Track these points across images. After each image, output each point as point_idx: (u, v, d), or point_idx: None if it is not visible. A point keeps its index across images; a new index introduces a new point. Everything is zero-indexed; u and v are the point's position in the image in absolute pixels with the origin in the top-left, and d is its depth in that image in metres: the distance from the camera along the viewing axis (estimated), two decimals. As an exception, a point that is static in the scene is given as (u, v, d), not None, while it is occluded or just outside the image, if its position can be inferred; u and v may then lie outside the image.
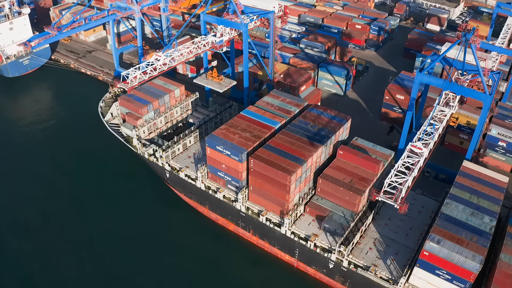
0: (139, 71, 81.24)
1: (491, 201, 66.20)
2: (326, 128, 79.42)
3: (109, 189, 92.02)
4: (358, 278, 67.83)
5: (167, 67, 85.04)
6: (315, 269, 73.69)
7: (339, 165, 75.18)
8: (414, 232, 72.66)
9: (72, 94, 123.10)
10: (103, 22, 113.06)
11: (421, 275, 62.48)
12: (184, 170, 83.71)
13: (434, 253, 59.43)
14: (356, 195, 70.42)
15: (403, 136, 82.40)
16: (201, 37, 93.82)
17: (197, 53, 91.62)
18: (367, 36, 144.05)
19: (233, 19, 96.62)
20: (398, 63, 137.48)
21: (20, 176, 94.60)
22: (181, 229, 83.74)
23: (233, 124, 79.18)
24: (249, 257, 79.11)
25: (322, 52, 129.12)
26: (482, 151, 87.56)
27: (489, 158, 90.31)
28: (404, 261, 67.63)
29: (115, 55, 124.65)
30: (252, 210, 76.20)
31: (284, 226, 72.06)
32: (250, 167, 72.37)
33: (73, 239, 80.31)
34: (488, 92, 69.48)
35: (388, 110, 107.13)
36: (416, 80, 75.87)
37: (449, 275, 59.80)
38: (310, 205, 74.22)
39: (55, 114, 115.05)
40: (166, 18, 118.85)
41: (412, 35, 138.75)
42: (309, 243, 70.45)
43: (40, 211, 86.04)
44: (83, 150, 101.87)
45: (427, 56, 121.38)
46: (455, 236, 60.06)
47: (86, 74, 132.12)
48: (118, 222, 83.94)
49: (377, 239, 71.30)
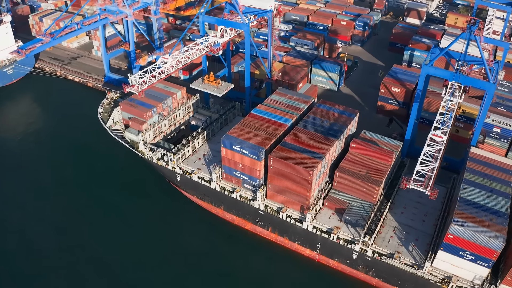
0: (147, 74, 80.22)
1: (502, 184, 69.58)
2: (337, 123, 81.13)
3: (118, 196, 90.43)
4: (382, 266, 69.82)
5: (174, 69, 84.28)
6: (338, 261, 75.21)
7: (353, 158, 77.00)
8: (429, 218, 75.44)
9: (63, 102, 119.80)
10: (95, 27, 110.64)
11: (445, 258, 64.97)
12: (196, 173, 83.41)
13: (458, 235, 61.95)
14: (374, 186, 72.40)
15: (409, 126, 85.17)
16: (203, 38, 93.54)
17: (201, 54, 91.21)
18: (353, 32, 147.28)
19: (232, 19, 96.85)
20: (384, 57, 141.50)
21: (25, 191, 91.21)
22: (197, 231, 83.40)
23: (246, 124, 79.62)
24: (268, 254, 79.71)
25: (312, 49, 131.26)
26: (481, 138, 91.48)
27: (485, 144, 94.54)
28: (424, 246, 70.21)
29: (105, 60, 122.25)
30: (271, 208, 76.90)
31: (306, 221, 73.15)
32: (270, 165, 73.05)
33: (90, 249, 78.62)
34: (492, 81, 72.85)
35: (384, 103, 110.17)
36: (422, 72, 78.52)
37: (473, 255, 62.53)
38: (328, 198, 75.67)
39: (50, 124, 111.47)
40: (157, 20, 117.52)
41: (397, 29, 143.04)
42: (332, 236, 71.88)
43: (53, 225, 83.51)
44: (86, 159, 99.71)
45: (415, 49, 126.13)
46: (476, 218, 62.81)
47: (74, 81, 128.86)
48: (131, 229, 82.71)
49: (396, 227, 73.57)
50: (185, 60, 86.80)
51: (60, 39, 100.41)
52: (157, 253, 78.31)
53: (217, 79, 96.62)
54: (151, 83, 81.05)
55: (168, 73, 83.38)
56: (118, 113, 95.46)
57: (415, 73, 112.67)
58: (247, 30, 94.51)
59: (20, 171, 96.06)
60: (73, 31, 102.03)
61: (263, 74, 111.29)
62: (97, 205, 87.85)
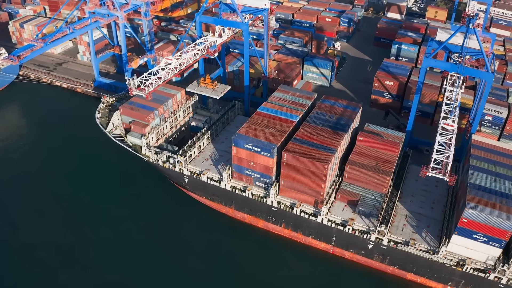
0: (153, 76, 79.42)
1: (506, 168, 72.83)
2: (343, 117, 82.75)
3: (125, 201, 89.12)
4: (397, 254, 71.85)
5: (178, 71, 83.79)
6: (353, 252, 76.82)
7: (361, 151, 78.68)
8: (437, 205, 78.08)
9: (55, 110, 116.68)
10: (87, 30, 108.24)
11: (459, 242, 67.51)
12: (205, 173, 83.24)
13: (472, 219, 64.51)
14: (385, 177, 74.32)
15: (410, 118, 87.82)
16: (203, 38, 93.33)
17: (198, 57, 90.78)
18: (338, 28, 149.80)
19: (228, 18, 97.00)
20: (370, 52, 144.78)
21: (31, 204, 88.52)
22: (208, 232, 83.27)
23: (255, 122, 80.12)
24: (282, 250, 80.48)
25: (301, 46, 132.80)
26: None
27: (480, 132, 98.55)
28: (436, 232, 72.72)
29: (94, 64, 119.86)
30: (284, 204, 77.72)
31: (321, 215, 74.36)
32: (283, 161, 73.83)
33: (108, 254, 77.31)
34: (491, 71, 76.06)
35: (377, 97, 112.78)
36: (423, 65, 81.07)
37: (486, 237, 65.31)
38: (340, 191, 77.13)
39: (45, 132, 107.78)
40: (147, 23, 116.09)
41: (381, 24, 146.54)
42: (347, 228, 73.38)
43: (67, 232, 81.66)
44: (87, 167, 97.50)
45: (402, 43, 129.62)
46: (488, 202, 65.54)
47: (62, 87, 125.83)
48: (142, 233, 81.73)
49: (407, 215, 75.79)
50: (187, 61, 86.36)
51: (53, 44, 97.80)
52: (170, 255, 77.74)
53: (214, 81, 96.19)
54: (157, 85, 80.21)
55: (173, 74, 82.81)
56: (117, 117, 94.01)
57: (406, 66, 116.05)
58: (246, 29, 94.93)
59: (18, 182, 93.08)
60: (66, 35, 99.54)
61: (258, 72, 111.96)
62: (104, 212, 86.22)
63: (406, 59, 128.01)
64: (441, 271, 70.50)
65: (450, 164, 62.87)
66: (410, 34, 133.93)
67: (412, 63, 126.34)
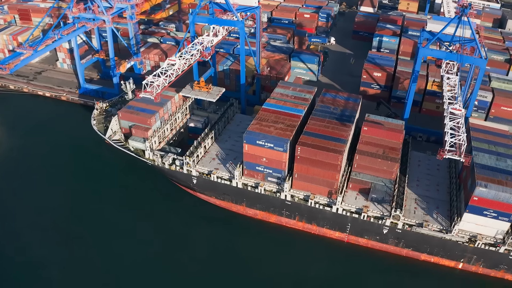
0: (160, 77, 78.43)
1: (505, 147, 77.35)
2: (346, 109, 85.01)
3: (133, 209, 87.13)
4: (411, 236, 74.80)
5: (182, 71, 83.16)
6: (367, 239, 79.21)
7: (367, 140, 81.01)
8: (442, 187, 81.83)
9: (42, 120, 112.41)
10: (75, 35, 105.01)
11: (470, 219, 71.16)
12: (215, 173, 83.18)
13: (482, 196, 68.18)
14: (393, 163, 77.05)
15: (408, 106, 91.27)
16: (201, 37, 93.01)
17: (197, 58, 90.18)
18: (317, 24, 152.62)
19: (222, 17, 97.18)
20: (350, 46, 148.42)
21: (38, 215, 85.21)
22: (221, 232, 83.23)
23: (262, 118, 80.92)
24: (297, 242, 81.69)
25: (285, 43, 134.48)
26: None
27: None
28: (446, 212, 76.27)
29: (79, 71, 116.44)
30: (298, 197, 79.01)
31: (335, 204, 76.18)
32: (297, 155, 75.06)
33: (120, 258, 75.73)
34: (484, 57, 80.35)
35: (366, 88, 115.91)
36: (419, 55, 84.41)
37: (495, 212, 69.23)
38: (352, 181, 79.23)
39: (38, 143, 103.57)
40: (133, 26, 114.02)
41: (359, 18, 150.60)
42: (363, 215, 75.61)
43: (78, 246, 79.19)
44: (89, 176, 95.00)
45: (383, 35, 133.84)
46: (495, 179, 69.49)
47: (45, 96, 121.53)
48: (155, 240, 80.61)
49: (416, 199, 78.96)
50: (189, 62, 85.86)
51: (42, 51, 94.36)
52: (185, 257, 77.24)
53: (208, 84, 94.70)
54: (164, 86, 79.34)
55: (177, 75, 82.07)
56: (115, 123, 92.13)
57: (391, 57, 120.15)
58: (242, 27, 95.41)
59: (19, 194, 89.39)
60: (54, 41, 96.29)
61: (250, 70, 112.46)
62: (114, 220, 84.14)
63: (387, 51, 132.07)
64: (454, 249, 74.04)
65: (465, 146, 66.17)
66: (389, 26, 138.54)
67: (394, 54, 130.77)
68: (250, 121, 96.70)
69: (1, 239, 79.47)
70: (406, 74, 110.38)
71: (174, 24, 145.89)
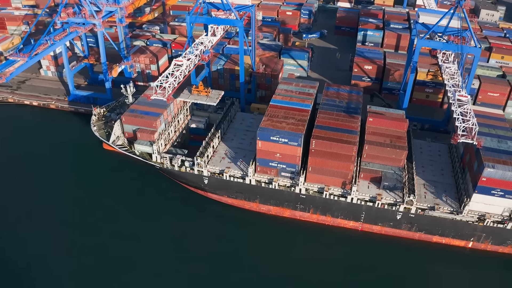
0: (170, 78, 77.88)
1: (503, 130, 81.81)
2: (351, 101, 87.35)
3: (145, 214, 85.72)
4: (424, 219, 77.92)
5: (188, 71, 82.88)
6: (381, 225, 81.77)
7: (374, 131, 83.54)
8: (446, 171, 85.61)
9: (35, 130, 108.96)
10: (67, 40, 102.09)
11: (478, 199, 74.89)
12: (227, 172, 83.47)
13: (491, 176, 71.94)
14: (402, 151, 79.80)
15: (406, 96, 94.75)
16: (201, 37, 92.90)
17: (197, 62, 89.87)
18: (299, 21, 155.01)
19: (218, 16, 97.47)
20: (333, 41, 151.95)
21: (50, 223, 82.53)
22: (236, 230, 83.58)
23: (272, 114, 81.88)
24: (312, 234, 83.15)
25: (272, 40, 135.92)
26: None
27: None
28: (454, 195, 79.92)
29: (69, 77, 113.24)
30: (312, 190, 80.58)
31: (350, 194, 78.28)
32: (311, 148, 76.56)
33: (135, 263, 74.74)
34: (478, 46, 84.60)
35: (357, 81, 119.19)
36: (418, 45, 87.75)
37: (503, 191, 73.18)
38: (362, 170, 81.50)
39: (36, 154, 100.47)
40: (123, 29, 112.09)
41: (340, 14, 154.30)
42: (377, 203, 78.07)
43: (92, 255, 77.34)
44: (94, 181, 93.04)
45: (367, 29, 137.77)
46: (500, 160, 73.51)
47: (32, 106, 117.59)
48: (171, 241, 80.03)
49: (425, 184, 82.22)
50: (193, 62, 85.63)
51: (36, 57, 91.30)
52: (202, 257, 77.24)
53: (207, 88, 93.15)
54: (174, 88, 78.85)
55: (185, 75, 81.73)
56: (118, 127, 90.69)
57: (379, 50, 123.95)
58: (241, 26, 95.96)
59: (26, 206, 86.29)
60: (47, 47, 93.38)
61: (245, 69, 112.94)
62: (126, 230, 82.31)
63: (372, 44, 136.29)
64: (464, 229, 77.74)
65: (476, 129, 69.74)
66: (371, 20, 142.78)
67: (378, 47, 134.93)
68: (252, 119, 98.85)
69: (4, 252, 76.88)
70: (396, 66, 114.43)
71: (158, 26, 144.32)
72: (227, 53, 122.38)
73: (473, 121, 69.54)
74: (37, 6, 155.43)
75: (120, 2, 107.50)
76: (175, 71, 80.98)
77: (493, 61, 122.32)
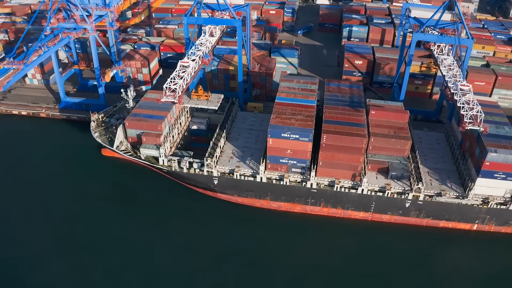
0: (180, 80, 77.52)
1: (499, 116, 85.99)
2: (353, 95, 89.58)
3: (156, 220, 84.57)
4: (432, 205, 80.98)
5: (195, 72, 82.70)
6: (390, 214, 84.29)
7: (377, 123, 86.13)
8: (446, 158, 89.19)
9: (29, 140, 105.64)
10: (60, 46, 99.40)
11: (482, 183, 78.50)
12: (238, 171, 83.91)
13: (493, 160, 75.57)
14: (406, 141, 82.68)
15: (403, 88, 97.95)
16: (201, 38, 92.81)
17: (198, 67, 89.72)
18: (283, 19, 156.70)
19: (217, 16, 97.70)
20: (317, 38, 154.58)
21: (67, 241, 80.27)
22: (248, 228, 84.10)
23: (280, 112, 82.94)
24: (323, 227, 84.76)
25: (259, 39, 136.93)
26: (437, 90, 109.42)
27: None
28: (457, 180, 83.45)
29: (59, 84, 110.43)
30: (323, 184, 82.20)
31: (361, 186, 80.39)
32: (322, 143, 78.10)
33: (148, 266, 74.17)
34: (470, 37, 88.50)
35: (348, 76, 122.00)
36: (414, 39, 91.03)
37: (504, 174, 77.05)
38: (369, 162, 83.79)
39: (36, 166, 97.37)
40: (114, 33, 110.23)
41: (323, 11, 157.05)
42: (387, 193, 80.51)
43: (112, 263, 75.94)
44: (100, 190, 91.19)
45: (352, 25, 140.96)
46: (501, 145, 77.24)
47: (21, 115, 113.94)
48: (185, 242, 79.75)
49: (429, 171, 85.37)
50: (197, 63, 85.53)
51: (32, 64, 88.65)
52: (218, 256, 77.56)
53: (207, 92, 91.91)
54: (184, 89, 78.52)
55: (191, 76, 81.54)
56: (121, 132, 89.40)
57: (367, 45, 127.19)
58: (240, 26, 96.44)
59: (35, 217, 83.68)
60: (41, 54, 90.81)
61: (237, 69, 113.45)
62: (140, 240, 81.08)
63: (357, 39, 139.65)
64: (469, 212, 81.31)
65: (482, 116, 73.24)
66: (355, 16, 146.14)
67: (364, 42, 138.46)
68: (254, 118, 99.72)
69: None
70: (386, 60, 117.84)
71: (144, 30, 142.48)
72: (218, 53, 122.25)
73: (477, 109, 72.96)
74: (14, 13, 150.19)
75: (110, 5, 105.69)
76: (181, 73, 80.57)
77: (475, 51, 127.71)
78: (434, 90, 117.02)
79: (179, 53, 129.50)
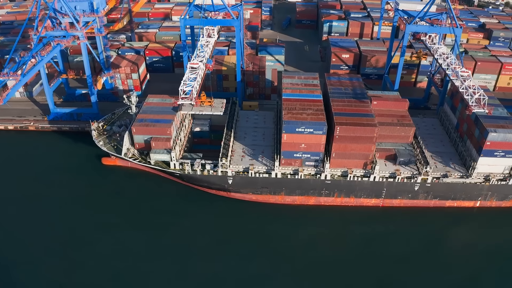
0: (193, 82, 77.21)
1: (491, 99, 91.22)
2: (355, 87, 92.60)
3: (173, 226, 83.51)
4: (439, 187, 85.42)
5: (203, 73, 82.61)
6: (400, 199, 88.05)
7: (379, 113, 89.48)
8: (445, 142, 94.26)
9: (19, 155, 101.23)
10: (53, 54, 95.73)
11: (483, 162, 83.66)
12: (252, 169, 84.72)
13: (494, 140, 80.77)
14: (410, 128, 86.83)
15: (397, 78, 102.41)
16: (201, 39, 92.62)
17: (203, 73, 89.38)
18: (261, 18, 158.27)
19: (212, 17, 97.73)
20: (297, 34, 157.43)
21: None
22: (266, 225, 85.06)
23: (290, 108, 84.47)
24: (338, 216, 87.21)
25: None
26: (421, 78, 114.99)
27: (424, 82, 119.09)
28: (458, 161, 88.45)
29: (48, 94, 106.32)
30: (337, 174, 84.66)
31: (374, 173, 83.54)
32: (335, 135, 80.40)
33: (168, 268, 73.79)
34: (459, 27, 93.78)
35: (336, 70, 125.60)
36: (407, 31, 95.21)
37: (504, 152, 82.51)
38: (377, 150, 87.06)
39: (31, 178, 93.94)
40: (103, 39, 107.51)
41: (300, 8, 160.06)
42: (397, 178, 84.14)
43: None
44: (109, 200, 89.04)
45: (332, 20, 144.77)
46: (499, 125, 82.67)
47: (8, 130, 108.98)
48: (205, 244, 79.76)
49: (431, 155, 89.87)
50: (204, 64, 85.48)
51: (28, 75, 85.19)
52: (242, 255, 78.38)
53: (210, 98, 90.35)
54: (197, 90, 78.29)
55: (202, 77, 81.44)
56: (127, 139, 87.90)
57: (351, 39, 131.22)
58: (238, 26, 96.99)
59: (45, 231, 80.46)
60: (36, 63, 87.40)
61: (231, 69, 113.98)
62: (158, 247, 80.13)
63: (337, 34, 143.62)
64: (473, 190, 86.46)
65: (486, 99, 78.15)
66: (333, 12, 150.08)
67: (343, 36, 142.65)
68: (256, 116, 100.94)
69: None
70: (372, 53, 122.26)
71: (124, 35, 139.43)
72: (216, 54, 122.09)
73: (480, 92, 77.88)
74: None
75: (98, 11, 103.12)
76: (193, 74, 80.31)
77: (449, 40, 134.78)
78: (419, 79, 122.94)
79: (165, 57, 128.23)
